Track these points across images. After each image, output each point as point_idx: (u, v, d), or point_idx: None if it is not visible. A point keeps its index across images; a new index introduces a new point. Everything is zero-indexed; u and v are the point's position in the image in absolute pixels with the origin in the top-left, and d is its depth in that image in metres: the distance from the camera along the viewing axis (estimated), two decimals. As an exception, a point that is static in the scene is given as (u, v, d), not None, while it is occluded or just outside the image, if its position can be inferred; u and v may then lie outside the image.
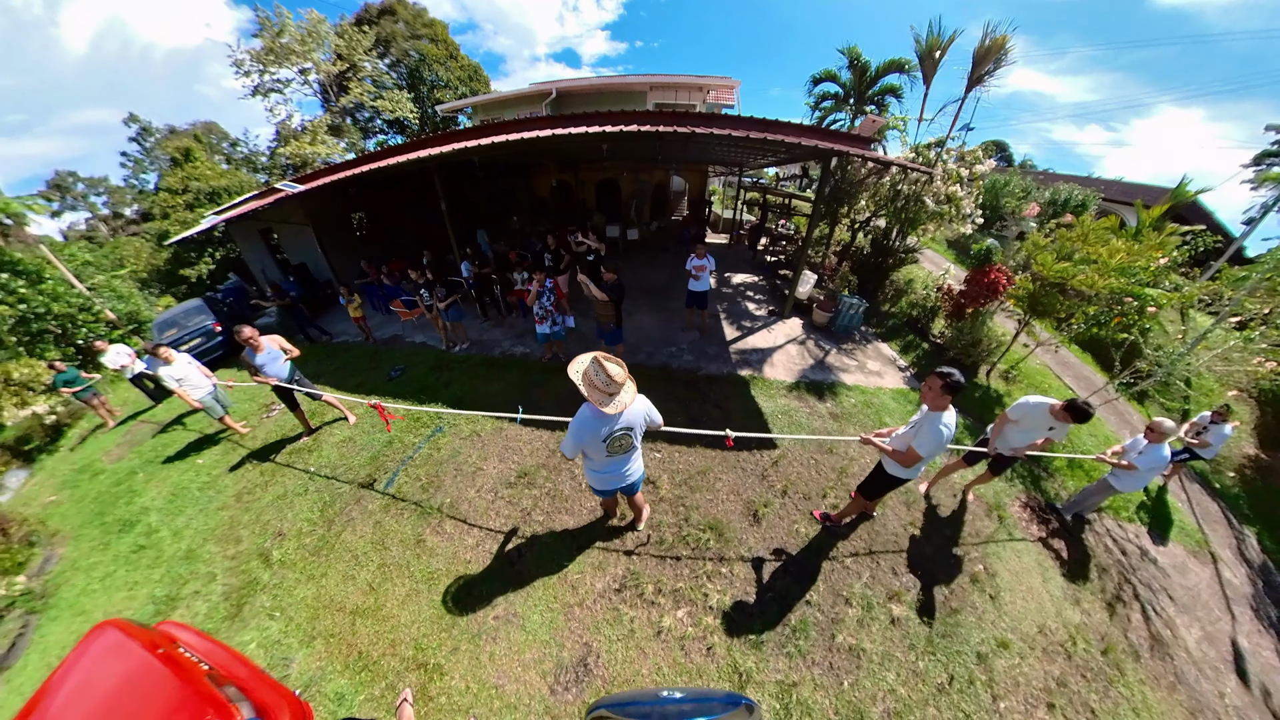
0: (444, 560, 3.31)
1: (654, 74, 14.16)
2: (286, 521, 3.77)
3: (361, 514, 3.75)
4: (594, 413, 2.15)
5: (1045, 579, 3.45)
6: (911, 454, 2.46)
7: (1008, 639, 2.96)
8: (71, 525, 4.60)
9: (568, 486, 3.88)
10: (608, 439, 2.22)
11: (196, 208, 14.25)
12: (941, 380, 2.29)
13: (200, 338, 7.64)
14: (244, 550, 3.58)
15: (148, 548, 3.88)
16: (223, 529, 3.84)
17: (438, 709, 2.50)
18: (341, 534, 3.59)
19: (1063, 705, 2.69)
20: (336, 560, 3.38)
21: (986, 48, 8.25)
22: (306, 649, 2.83)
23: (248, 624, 3.02)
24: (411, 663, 2.70)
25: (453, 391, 5.32)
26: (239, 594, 3.22)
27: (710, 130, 4.99)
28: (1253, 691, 3.10)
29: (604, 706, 1.17)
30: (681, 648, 2.76)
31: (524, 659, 2.72)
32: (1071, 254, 5.35)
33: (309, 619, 3.00)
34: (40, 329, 9.20)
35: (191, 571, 3.49)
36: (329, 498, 3.96)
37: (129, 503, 4.55)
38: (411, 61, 21.39)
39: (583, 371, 2.13)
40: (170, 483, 4.63)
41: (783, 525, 3.56)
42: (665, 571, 3.19)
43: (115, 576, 3.71)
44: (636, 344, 6.26)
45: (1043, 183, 15.43)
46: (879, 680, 2.65)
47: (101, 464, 5.62)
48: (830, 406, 5.15)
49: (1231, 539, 4.56)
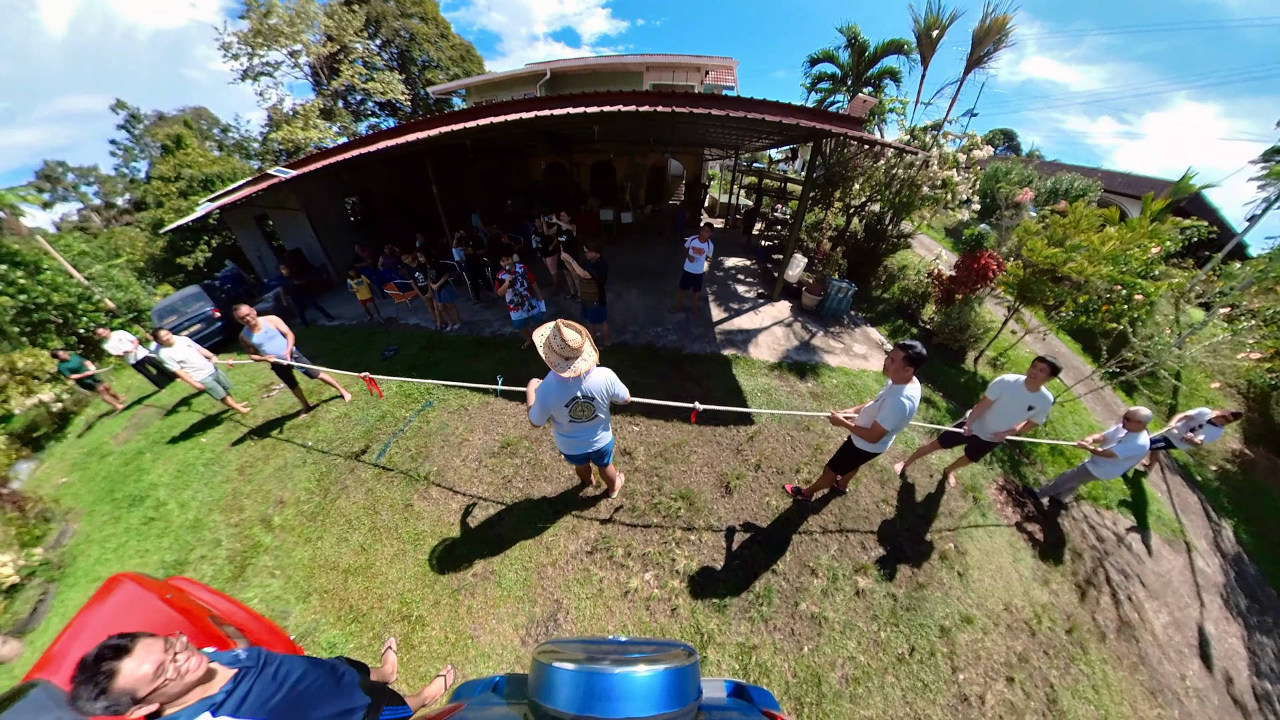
0: (429, 523, 3.54)
1: (651, 54, 13.95)
2: (286, 491, 4.01)
3: (355, 482, 4.00)
4: (555, 378, 2.26)
5: (1016, 559, 3.53)
6: (877, 429, 2.50)
7: (972, 614, 3.02)
8: (84, 503, 4.85)
9: (548, 456, 4.09)
10: (570, 404, 2.33)
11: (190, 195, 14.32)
12: (904, 352, 2.31)
13: (200, 323, 7.85)
14: (246, 518, 3.83)
15: (156, 519, 4.13)
16: (226, 499, 4.09)
17: (419, 656, 2.73)
18: (337, 500, 3.83)
19: (1022, 679, 2.76)
20: (332, 525, 3.62)
21: (986, 28, 8.05)
22: (303, 604, 3.08)
23: (250, 583, 3.26)
24: (397, 615, 2.94)
25: (442, 369, 5.55)
26: (242, 556, 3.48)
27: (692, 110, 4.98)
28: (1215, 676, 3.18)
29: (552, 644, 1.30)
30: (647, 608, 2.91)
31: (499, 613, 2.92)
32: (1063, 240, 5.33)
33: (306, 577, 3.24)
34: (41, 319, 9.41)
35: (198, 538, 3.75)
36: (325, 469, 4.20)
37: (138, 480, 4.80)
38: (402, 41, 21.10)
39: (545, 338, 2.24)
40: (176, 461, 4.88)
41: (754, 498, 3.68)
42: (636, 537, 3.35)
43: (127, 546, 3.97)
44: (623, 324, 6.42)
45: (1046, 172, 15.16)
46: (839, 648, 2.73)
47: (110, 446, 5.86)
48: (811, 386, 5.24)
49: (1208, 530, 4.64)
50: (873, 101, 6.73)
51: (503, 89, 15.78)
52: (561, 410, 2.37)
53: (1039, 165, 16.87)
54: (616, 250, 9.88)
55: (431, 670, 2.66)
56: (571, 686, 1.06)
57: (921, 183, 7.57)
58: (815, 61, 10.43)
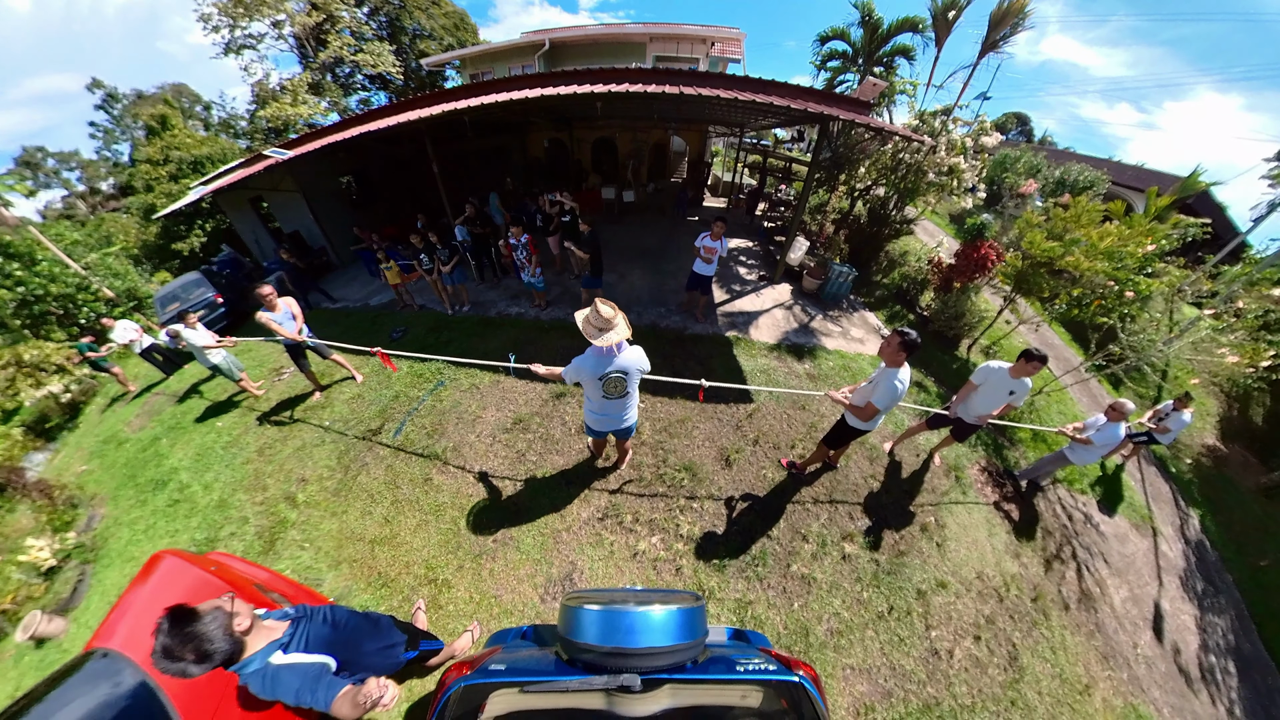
0: (449, 495, 3.78)
1: (655, 24, 13.57)
2: (308, 469, 4.22)
3: (374, 460, 4.21)
4: (593, 350, 2.47)
5: (991, 534, 3.80)
6: (870, 408, 2.70)
7: (947, 580, 3.31)
8: (107, 488, 5.06)
9: (558, 431, 4.32)
10: (603, 378, 2.53)
11: (181, 179, 14.16)
12: (900, 338, 2.50)
13: (203, 309, 7.96)
14: (271, 496, 4.04)
15: (182, 501, 4.36)
16: (249, 480, 4.29)
17: (446, 615, 3.02)
18: (358, 477, 4.05)
19: (988, 639, 3.06)
20: (355, 499, 3.84)
21: (1005, 10, 7.71)
22: (334, 571, 3.32)
23: (281, 556, 3.49)
24: (423, 579, 3.20)
25: (451, 350, 5.64)
26: (270, 532, 3.70)
27: (700, 91, 4.97)
28: (1164, 647, 3.54)
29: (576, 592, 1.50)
30: (654, 567, 3.20)
31: (519, 574, 3.19)
32: (1062, 234, 5.46)
33: (334, 548, 3.48)
34: (42, 311, 9.48)
35: (225, 517, 3.97)
36: (344, 447, 4.40)
37: (158, 465, 5.01)
38: (391, 9, 20.42)
39: (584, 315, 2.46)
40: (194, 445, 5.07)
41: (752, 470, 3.96)
42: (643, 505, 3.63)
43: (156, 528, 4.20)
44: (626, 304, 6.53)
45: (1055, 161, 14.88)
46: (825, 605, 3.03)
47: (125, 434, 6.03)
48: (809, 368, 5.45)
49: (1176, 518, 4.95)
50: (883, 85, 6.64)
51: (499, 60, 15.41)
52: (595, 384, 2.55)
53: (1049, 154, 16.54)
54: (619, 229, 9.87)
55: (459, 627, 2.93)
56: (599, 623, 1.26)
57: (928, 168, 7.56)
58: (825, 39, 10.13)
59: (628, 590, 1.62)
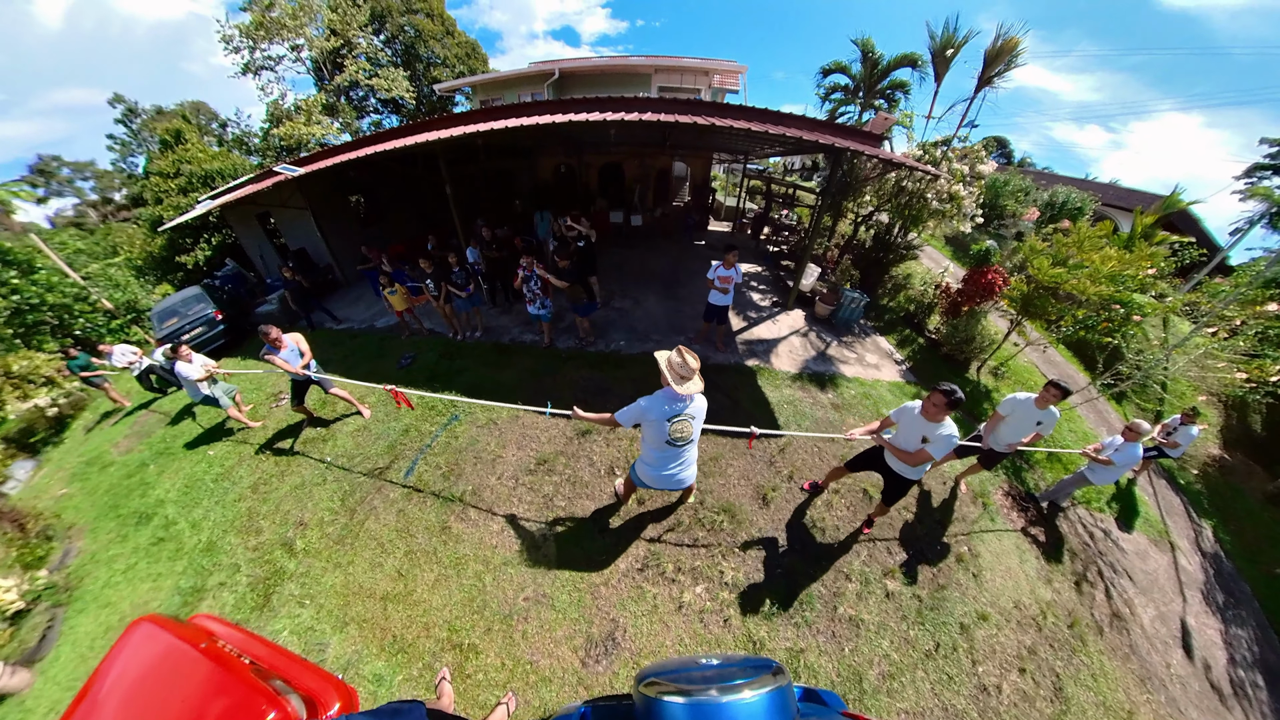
0: (470, 546, 3.35)
1: (659, 56, 13.74)
2: (307, 511, 3.76)
3: (384, 503, 3.76)
4: (666, 394, 2.35)
5: (1022, 560, 3.74)
6: (922, 454, 2.68)
7: (987, 612, 3.23)
8: (86, 518, 4.58)
9: (586, 472, 3.93)
10: (672, 419, 2.38)
11: (190, 192, 13.78)
12: (946, 398, 2.49)
13: (202, 326, 7.50)
14: (266, 541, 3.58)
15: (167, 540, 3.87)
16: (242, 520, 3.82)
17: (475, 685, 2.59)
18: (365, 522, 3.59)
19: (1032, 670, 2.98)
20: (362, 548, 3.40)
21: (998, 48, 8.17)
22: (340, 634, 2.87)
23: (278, 613, 3.04)
24: (446, 644, 2.78)
25: (466, 379, 5.29)
26: (265, 583, 3.24)
27: (729, 122, 4.91)
28: (1195, 664, 3.47)
29: (653, 675, 1.22)
30: (701, 620, 2.94)
31: (555, 636, 2.83)
32: (1066, 259, 5.55)
33: (340, 605, 3.03)
34: (36, 320, 8.98)
35: (214, 563, 3.49)
36: (348, 487, 3.95)
37: (143, 495, 4.53)
38: (407, 38, 20.58)
39: (666, 357, 2.36)
40: (183, 475, 4.60)
41: (789, 507, 3.75)
42: (684, 552, 3.33)
43: (137, 569, 3.71)
44: (646, 332, 6.25)
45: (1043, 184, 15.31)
46: (875, 647, 2.90)
47: (111, 456, 5.57)
48: (832, 397, 5.27)
49: (1190, 530, 4.89)
50: (894, 119, 6.73)
51: (509, 88, 15.44)
52: (662, 427, 2.40)
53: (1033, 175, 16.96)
54: (628, 253, 9.69)
55: (491, 698, 2.52)
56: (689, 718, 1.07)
57: (931, 196, 7.63)
58: (828, 72, 10.42)
59: (705, 666, 1.35)
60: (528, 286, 5.17)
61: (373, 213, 10.99)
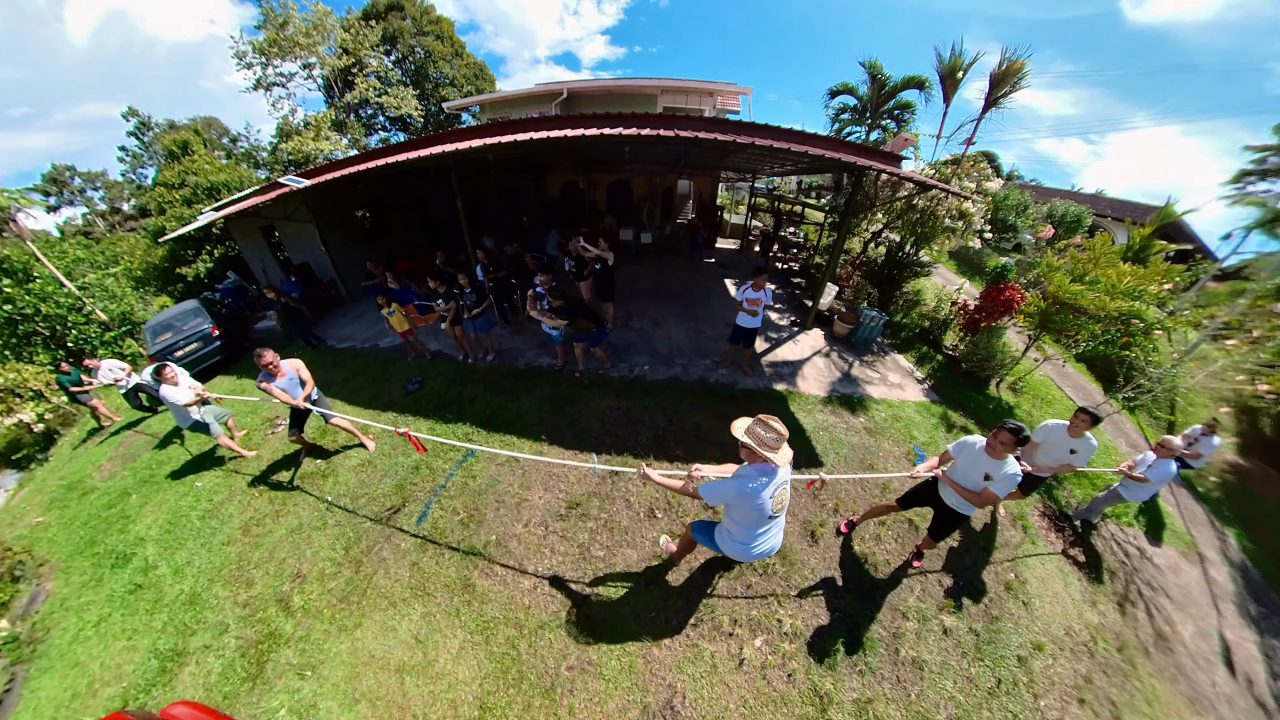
0: (499, 606, 2.91)
1: (664, 78, 13.73)
2: (305, 561, 3.30)
3: (394, 554, 3.29)
4: (759, 469, 2.08)
5: (1066, 584, 3.62)
6: (988, 495, 2.60)
7: (1041, 641, 3.11)
8: (60, 553, 4.11)
9: (624, 517, 3.50)
10: (774, 494, 2.14)
11: (195, 203, 13.45)
12: (1014, 436, 2.44)
13: (197, 342, 7.03)
14: (258, 595, 3.11)
15: (145, 587, 3.40)
16: (230, 569, 3.36)
17: None
18: (373, 577, 3.13)
19: (1091, 700, 2.85)
20: (371, 608, 2.94)
21: (1004, 70, 8.60)
22: (349, 713, 2.42)
23: (273, 685, 2.58)
24: (479, 726, 2.33)
25: (479, 408, 4.83)
26: (258, 649, 2.77)
27: (753, 140, 4.75)
28: (1239, 680, 3.34)
29: None
30: (764, 677, 2.67)
31: (607, 710, 2.47)
32: (1083, 275, 5.58)
33: (347, 678, 2.58)
34: (28, 331, 8.51)
35: (198, 620, 3.03)
36: (353, 533, 3.48)
37: (122, 530, 4.07)
38: (418, 58, 20.64)
39: (747, 429, 2.06)
40: (167, 508, 4.14)
41: (838, 543, 3.54)
42: (738, 603, 3.03)
43: (111, 621, 3.24)
44: (669, 355, 5.89)
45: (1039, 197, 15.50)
46: (939, 689, 2.73)
47: (93, 480, 5.12)
48: (863, 421, 5.01)
49: (1215, 539, 4.82)
50: (913, 139, 6.63)
51: (517, 107, 15.33)
52: (762, 503, 2.13)
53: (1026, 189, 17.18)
54: (640, 271, 9.43)
55: None
56: None
57: (942, 214, 7.59)
58: (835, 94, 10.50)
59: None
60: (540, 305, 4.78)
61: (378, 228, 10.67)
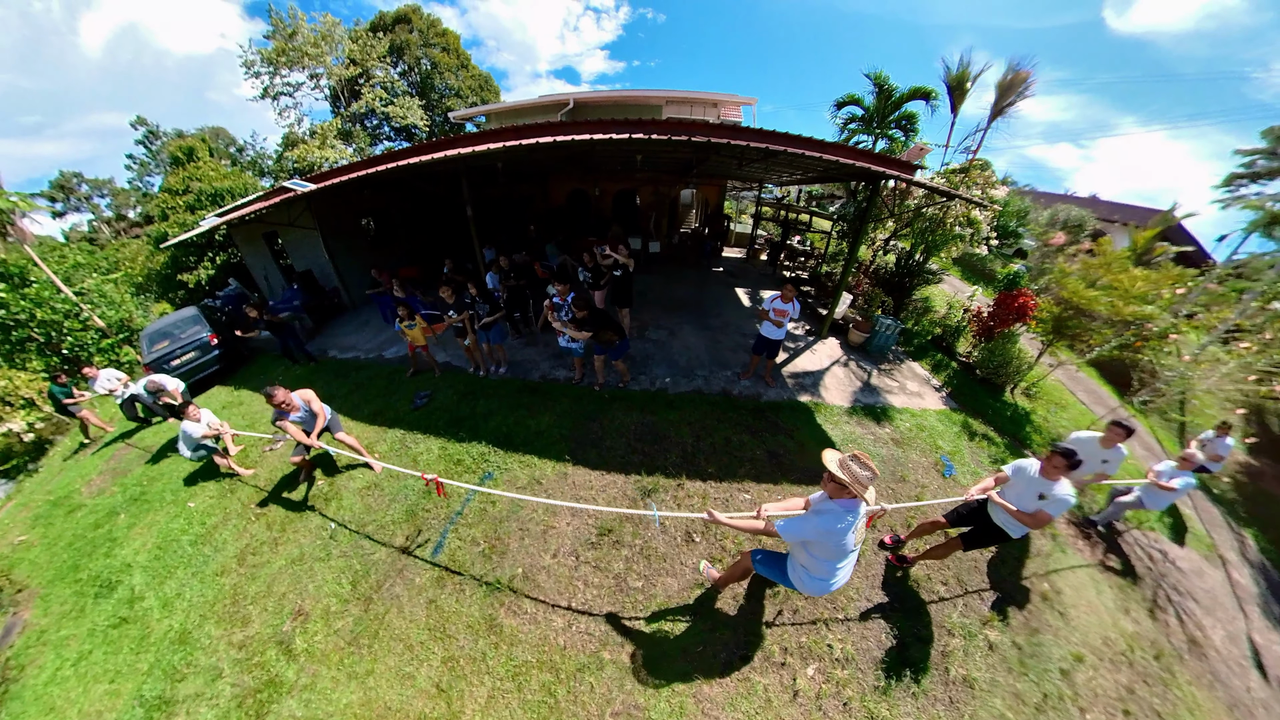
0: (531, 649, 2.59)
1: (668, 89, 13.75)
2: (308, 596, 2.97)
3: (408, 589, 2.95)
4: (845, 506, 1.97)
5: (1099, 592, 3.54)
6: (1042, 516, 2.56)
7: (1081, 653, 3.03)
8: (41, 577, 3.79)
9: (661, 542, 3.20)
10: (855, 527, 2.04)
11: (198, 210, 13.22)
12: (1067, 460, 2.45)
13: (195, 351, 6.73)
14: (255, 635, 2.79)
15: (131, 621, 3.08)
16: (224, 603, 3.03)
17: None
18: (385, 616, 2.79)
19: (1135, 712, 2.76)
20: (384, 652, 2.61)
21: (1010, 80, 8.61)
22: (360, 781, 2.11)
23: (271, 743, 2.27)
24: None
25: (494, 426, 4.47)
26: (257, 698, 2.45)
27: (768, 146, 4.67)
28: (1272, 685, 3.26)
29: None
30: (819, 708, 2.53)
31: None
32: (1095, 281, 5.55)
33: (357, 736, 2.26)
34: (23, 337, 8.19)
35: (188, 662, 2.71)
36: (360, 565, 3.14)
37: (108, 554, 3.75)
38: (424, 70, 20.65)
39: (841, 463, 1.94)
40: (157, 531, 3.82)
41: (879, 560, 3.38)
42: (787, 630, 2.84)
43: (92, 660, 2.92)
44: (689, 366, 5.63)
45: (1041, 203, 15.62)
46: (989, 708, 2.65)
47: (80, 496, 4.81)
48: (890, 432, 4.84)
49: (1234, 541, 4.77)
50: (929, 149, 6.58)
51: (523, 116, 15.26)
52: (845, 538, 2.02)
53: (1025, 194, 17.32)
54: (651, 279, 9.25)
55: None
56: None
57: (950, 222, 7.57)
58: (842, 104, 10.57)
59: None
60: (559, 314, 4.55)
61: (383, 235, 10.44)
